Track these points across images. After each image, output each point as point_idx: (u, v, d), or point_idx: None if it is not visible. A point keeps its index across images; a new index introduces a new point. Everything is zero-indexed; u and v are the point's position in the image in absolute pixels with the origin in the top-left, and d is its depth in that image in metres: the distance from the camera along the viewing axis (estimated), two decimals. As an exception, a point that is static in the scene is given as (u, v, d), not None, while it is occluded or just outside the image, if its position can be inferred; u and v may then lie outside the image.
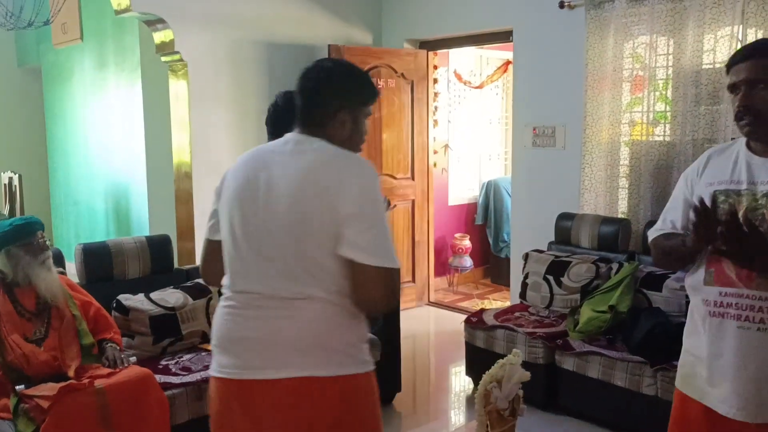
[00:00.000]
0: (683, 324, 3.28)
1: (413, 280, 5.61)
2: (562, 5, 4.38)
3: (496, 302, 5.75)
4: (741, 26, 3.65)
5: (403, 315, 5.32)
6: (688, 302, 3.33)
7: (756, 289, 1.69)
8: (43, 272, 2.74)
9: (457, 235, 6.29)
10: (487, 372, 2.16)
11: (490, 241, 6.49)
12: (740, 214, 1.66)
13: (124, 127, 5.84)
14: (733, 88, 1.74)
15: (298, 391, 1.59)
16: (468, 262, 6.25)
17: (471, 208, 6.66)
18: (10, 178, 5.97)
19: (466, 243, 6.24)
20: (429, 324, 5.48)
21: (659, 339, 3.20)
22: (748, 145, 1.77)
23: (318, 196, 1.59)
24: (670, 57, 4.04)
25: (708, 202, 1.65)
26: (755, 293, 1.69)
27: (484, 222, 6.52)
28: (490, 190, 6.39)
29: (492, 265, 6.63)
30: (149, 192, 5.55)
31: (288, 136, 1.76)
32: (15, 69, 7.60)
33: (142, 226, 5.67)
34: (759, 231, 1.63)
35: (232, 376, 1.65)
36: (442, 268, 6.33)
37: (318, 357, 1.61)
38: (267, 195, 1.65)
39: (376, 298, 1.61)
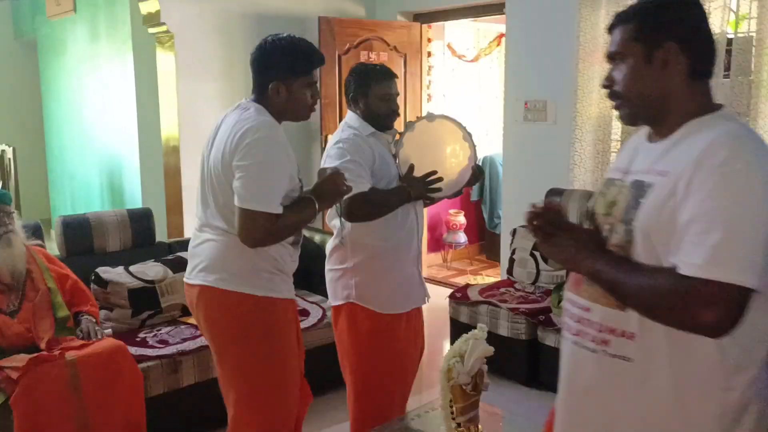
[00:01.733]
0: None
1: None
2: (554, -24, 4.28)
3: (489, 278, 5.73)
4: (734, -3, 3.56)
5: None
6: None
7: (579, 295, 1.39)
8: (0, 248, 2.72)
9: (451, 211, 6.25)
10: (450, 347, 2.15)
11: (485, 217, 6.45)
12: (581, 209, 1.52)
13: (116, 101, 5.80)
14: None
15: (191, 292, 2.16)
16: (462, 238, 6.22)
17: (467, 183, 6.60)
18: (3, 151, 5.96)
19: (461, 219, 6.19)
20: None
21: (640, 316, 3.17)
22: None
23: (226, 151, 2.01)
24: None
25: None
26: (579, 301, 1.39)
27: (479, 198, 6.47)
28: (486, 166, 6.32)
29: (487, 241, 6.59)
30: (141, 166, 5.53)
31: (243, 100, 2.16)
32: (12, 41, 7.57)
33: (135, 200, 5.66)
34: (586, 230, 1.42)
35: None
36: (437, 244, 6.30)
37: (220, 274, 2.08)
38: (209, 148, 2.11)
39: (240, 233, 1.99)
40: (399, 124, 2.64)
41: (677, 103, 1.31)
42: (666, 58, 1.29)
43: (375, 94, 2.48)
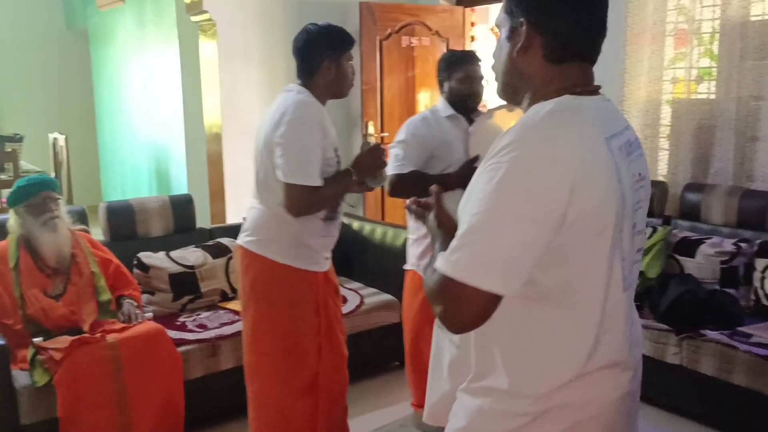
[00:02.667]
0: (715, 292, 3.17)
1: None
2: (602, -45, 4.14)
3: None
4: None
5: (436, 278, 5.33)
6: (723, 268, 3.23)
7: None
8: (45, 233, 2.79)
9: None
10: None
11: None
12: None
13: (163, 88, 5.90)
14: None
15: (238, 253, 2.39)
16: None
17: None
18: (55, 139, 6.13)
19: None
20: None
21: (686, 306, 3.06)
22: None
23: (268, 129, 2.20)
24: (717, 9, 3.78)
25: None
26: None
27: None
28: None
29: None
30: (187, 152, 5.62)
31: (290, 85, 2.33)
32: (64, 31, 7.76)
33: (181, 186, 5.76)
34: None
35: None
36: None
37: (253, 237, 2.31)
38: (260, 128, 2.28)
39: (285, 205, 2.19)
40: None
41: (531, 84, 1.20)
42: (521, 36, 1.18)
43: (455, 77, 2.64)
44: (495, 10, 5.97)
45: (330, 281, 2.45)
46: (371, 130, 5.05)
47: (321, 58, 2.25)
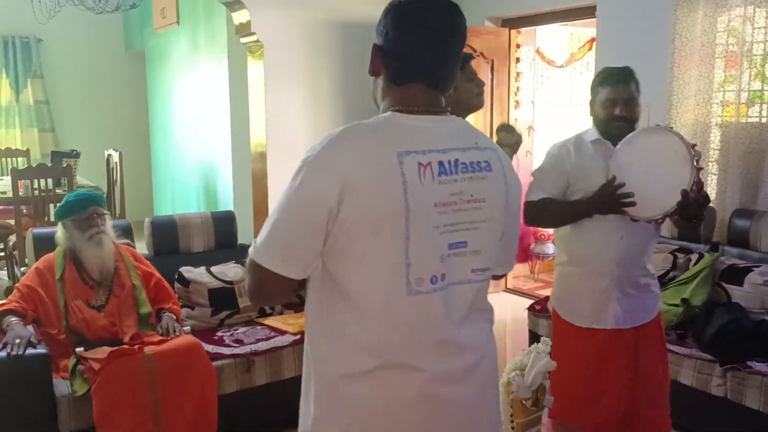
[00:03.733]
0: (762, 322, 3.05)
1: (489, 265, 5.47)
2: (649, -24, 4.09)
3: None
4: None
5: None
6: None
7: None
8: (90, 247, 2.88)
9: (539, 220, 6.08)
10: (511, 359, 2.08)
11: (576, 227, 6.22)
12: None
13: (213, 108, 6.06)
14: None
15: None
16: (551, 248, 6.03)
17: (557, 192, 6.40)
18: (110, 156, 6.34)
19: (549, 230, 6.01)
20: (504, 311, 5.35)
21: (732, 336, 2.95)
22: None
23: None
24: (769, 30, 3.67)
25: None
26: None
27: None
28: (577, 175, 6.11)
29: (577, 252, 6.35)
30: (233, 170, 5.74)
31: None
32: (123, 52, 8.07)
33: (227, 203, 5.88)
34: None
35: None
36: (524, 254, 6.14)
37: None
38: None
39: None
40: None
41: (382, 102, 1.36)
42: (372, 60, 1.35)
43: (598, 100, 2.36)
44: (541, 32, 5.95)
45: None
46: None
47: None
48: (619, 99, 2.30)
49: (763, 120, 3.74)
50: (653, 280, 2.42)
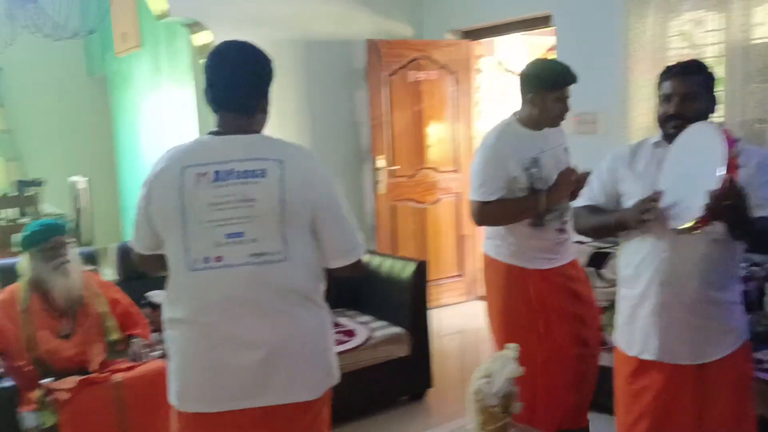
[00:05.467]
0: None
1: (460, 275, 5.52)
2: (600, -15, 4.19)
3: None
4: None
5: (450, 310, 5.30)
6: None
7: None
8: (56, 277, 2.84)
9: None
10: (479, 366, 2.09)
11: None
12: None
13: (178, 130, 6.04)
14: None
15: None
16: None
17: (525, 199, 6.48)
18: (75, 182, 6.28)
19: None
20: (478, 319, 5.37)
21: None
22: None
23: None
24: (720, 33, 3.78)
25: None
26: None
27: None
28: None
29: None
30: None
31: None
32: (85, 79, 8.00)
33: (197, 225, 5.85)
34: None
35: None
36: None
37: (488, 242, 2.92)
38: None
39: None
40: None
41: None
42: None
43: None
44: (500, 43, 6.04)
45: (548, 278, 2.73)
46: (381, 164, 5.10)
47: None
48: (673, 94, 2.06)
49: (719, 120, 3.84)
50: (727, 309, 2.07)
